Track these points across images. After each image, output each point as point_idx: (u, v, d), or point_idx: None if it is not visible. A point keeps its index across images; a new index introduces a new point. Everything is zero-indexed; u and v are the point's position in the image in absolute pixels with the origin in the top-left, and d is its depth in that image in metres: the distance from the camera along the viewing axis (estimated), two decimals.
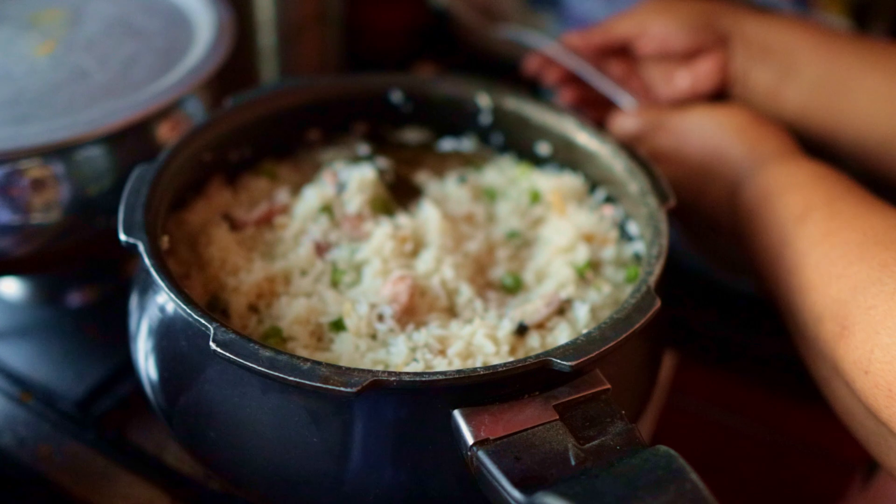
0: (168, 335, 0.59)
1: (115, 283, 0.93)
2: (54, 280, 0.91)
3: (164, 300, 0.59)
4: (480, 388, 0.51)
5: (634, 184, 0.70)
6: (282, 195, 0.73)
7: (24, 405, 0.78)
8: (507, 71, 1.17)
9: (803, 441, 0.99)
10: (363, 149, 0.80)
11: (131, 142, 0.76)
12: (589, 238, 0.72)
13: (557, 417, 0.51)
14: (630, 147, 0.73)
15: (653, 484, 0.45)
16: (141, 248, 0.58)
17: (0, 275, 0.86)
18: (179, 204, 0.71)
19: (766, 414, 1.02)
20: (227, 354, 0.51)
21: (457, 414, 0.50)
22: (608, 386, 0.53)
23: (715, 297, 1.05)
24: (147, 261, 0.57)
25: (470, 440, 0.49)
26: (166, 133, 0.79)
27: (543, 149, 0.79)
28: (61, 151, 0.72)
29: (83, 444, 0.75)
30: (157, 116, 0.77)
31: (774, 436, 1.00)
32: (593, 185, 0.78)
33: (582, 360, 0.52)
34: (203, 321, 0.53)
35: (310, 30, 1.22)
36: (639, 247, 0.72)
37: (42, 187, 0.73)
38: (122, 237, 0.59)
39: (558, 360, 0.51)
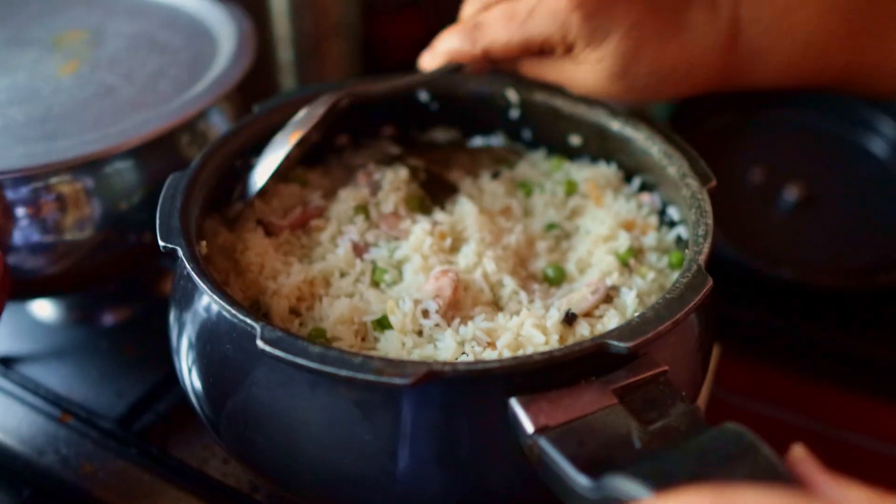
0: (212, 340, 0.58)
1: (147, 301, 0.93)
2: (87, 300, 0.90)
3: (207, 304, 0.58)
4: (537, 375, 0.50)
5: (672, 167, 0.69)
6: (315, 199, 0.72)
7: (65, 425, 0.77)
8: None
9: (851, 430, 0.97)
10: (394, 149, 0.79)
11: (160, 154, 0.76)
12: (628, 226, 0.71)
13: (617, 401, 0.49)
14: (665, 131, 0.72)
15: (724, 460, 0.43)
16: (180, 252, 0.57)
17: (34, 297, 0.86)
18: (213, 212, 0.70)
19: (810, 404, 0.99)
20: (276, 352, 0.49)
21: (514, 402, 0.49)
22: (665, 368, 0.52)
23: (752, 287, 1.04)
24: (188, 265, 0.56)
25: (530, 428, 0.48)
26: (192, 146, 0.79)
27: (575, 140, 0.78)
28: (91, 165, 0.72)
29: (126, 461, 0.74)
30: (185, 128, 0.77)
31: (820, 426, 0.98)
32: (628, 176, 0.77)
33: (639, 340, 0.50)
34: (248, 321, 0.52)
35: (327, 42, 1.23)
36: (680, 231, 0.71)
37: (73, 203, 0.73)
38: (161, 243, 0.58)
39: (615, 343, 0.50)
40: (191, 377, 0.62)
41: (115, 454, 0.75)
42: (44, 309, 0.90)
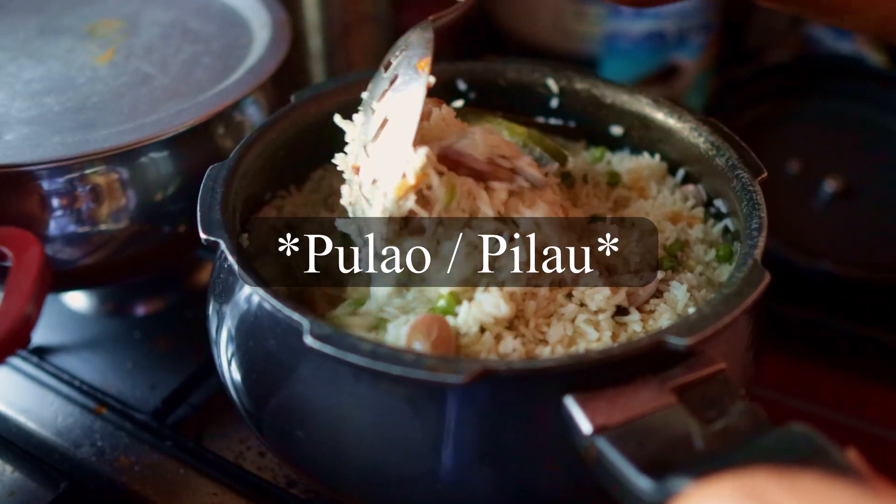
0: (254, 336, 0.57)
1: (180, 292, 0.92)
2: (120, 290, 0.90)
3: (250, 298, 0.57)
4: (593, 373, 0.48)
5: (721, 158, 0.67)
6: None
7: (100, 417, 0.77)
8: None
9: (890, 427, 0.94)
10: None
11: (195, 144, 0.75)
12: (674, 218, 0.69)
13: (676, 400, 0.48)
14: (711, 121, 0.70)
15: (794, 463, 0.41)
16: (223, 245, 0.56)
17: (69, 289, 0.85)
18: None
19: (849, 400, 0.97)
20: (326, 348, 0.48)
21: (570, 401, 0.48)
22: (723, 365, 0.50)
23: (790, 280, 1.01)
24: (230, 258, 0.55)
25: (588, 428, 0.46)
26: (226, 136, 0.78)
27: (617, 130, 0.77)
28: (127, 155, 0.71)
29: (162, 454, 0.73)
30: (221, 118, 0.76)
31: (858, 423, 0.96)
32: (672, 168, 0.75)
33: (698, 337, 0.49)
34: (295, 316, 0.51)
35: (356, 30, 1.21)
36: (727, 224, 0.69)
37: (109, 194, 0.72)
38: (203, 236, 0.57)
39: (674, 339, 0.48)
40: (230, 371, 0.61)
41: (151, 447, 0.74)
42: (76, 299, 0.89)
